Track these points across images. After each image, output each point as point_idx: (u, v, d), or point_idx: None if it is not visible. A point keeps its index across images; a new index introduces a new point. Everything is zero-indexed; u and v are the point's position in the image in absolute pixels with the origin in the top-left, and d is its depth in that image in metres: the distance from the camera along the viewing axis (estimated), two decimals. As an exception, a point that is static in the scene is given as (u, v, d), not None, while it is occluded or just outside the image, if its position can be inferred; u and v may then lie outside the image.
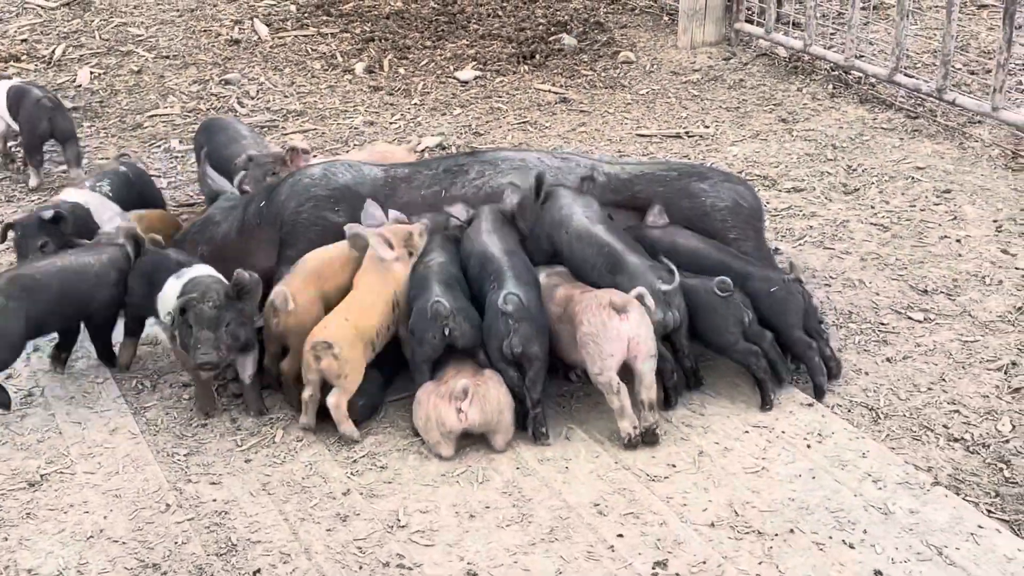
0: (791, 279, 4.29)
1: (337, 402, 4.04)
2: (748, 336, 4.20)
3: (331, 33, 8.21)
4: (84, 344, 4.66)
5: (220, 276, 4.21)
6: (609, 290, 4.06)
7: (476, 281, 4.28)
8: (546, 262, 4.44)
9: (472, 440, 4.03)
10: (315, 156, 5.75)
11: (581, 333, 3.99)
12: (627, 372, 4.00)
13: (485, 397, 3.96)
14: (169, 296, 4.17)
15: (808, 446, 4.02)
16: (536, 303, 4.09)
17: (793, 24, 7.75)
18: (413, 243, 4.42)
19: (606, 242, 4.27)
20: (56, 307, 4.31)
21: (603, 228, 4.33)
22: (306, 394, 4.08)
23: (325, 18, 8.45)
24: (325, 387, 4.08)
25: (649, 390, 3.99)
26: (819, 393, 4.25)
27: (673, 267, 4.14)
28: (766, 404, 4.20)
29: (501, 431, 4.00)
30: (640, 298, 3.99)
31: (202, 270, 4.24)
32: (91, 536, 3.65)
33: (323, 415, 4.11)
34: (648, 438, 4.00)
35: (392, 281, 4.30)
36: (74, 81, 7.43)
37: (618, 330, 3.95)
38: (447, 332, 4.04)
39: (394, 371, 4.31)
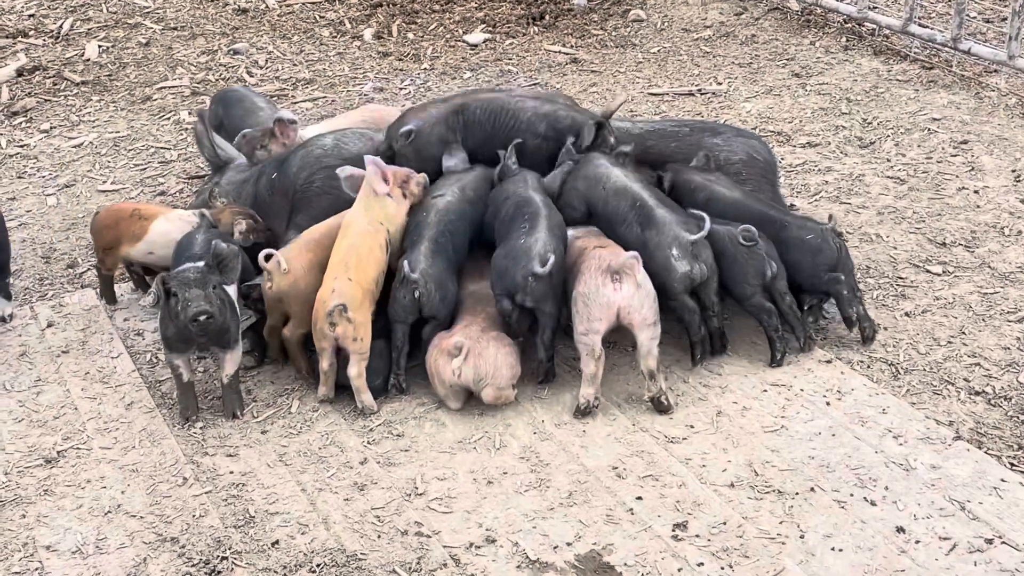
0: (828, 228, 4.25)
1: (358, 371, 4.03)
2: (770, 288, 4.16)
3: (339, -1, 8.15)
4: (98, 319, 4.65)
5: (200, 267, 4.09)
6: (615, 252, 4.02)
7: (506, 222, 4.25)
8: (574, 224, 4.42)
9: (488, 406, 4.01)
10: (304, 127, 5.70)
11: (576, 291, 3.98)
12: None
13: (481, 355, 3.94)
14: None
15: (827, 403, 3.99)
16: (561, 262, 4.07)
17: (805, -23, 7.66)
18: (410, 188, 4.41)
19: (640, 197, 4.23)
20: None
21: (640, 185, 4.31)
22: (324, 364, 4.06)
23: (332, -16, 8.38)
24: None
25: (647, 359, 3.94)
26: (848, 323, 4.24)
27: (705, 216, 4.09)
28: (775, 361, 4.17)
29: (492, 385, 3.96)
30: (631, 263, 3.94)
31: (193, 264, 4.07)
32: (109, 511, 3.65)
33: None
34: (657, 406, 3.97)
35: (384, 218, 4.29)
36: (82, 55, 7.39)
37: (609, 297, 3.91)
38: (416, 295, 4.06)
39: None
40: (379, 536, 3.51)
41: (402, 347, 4.13)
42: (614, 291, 3.92)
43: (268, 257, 4.16)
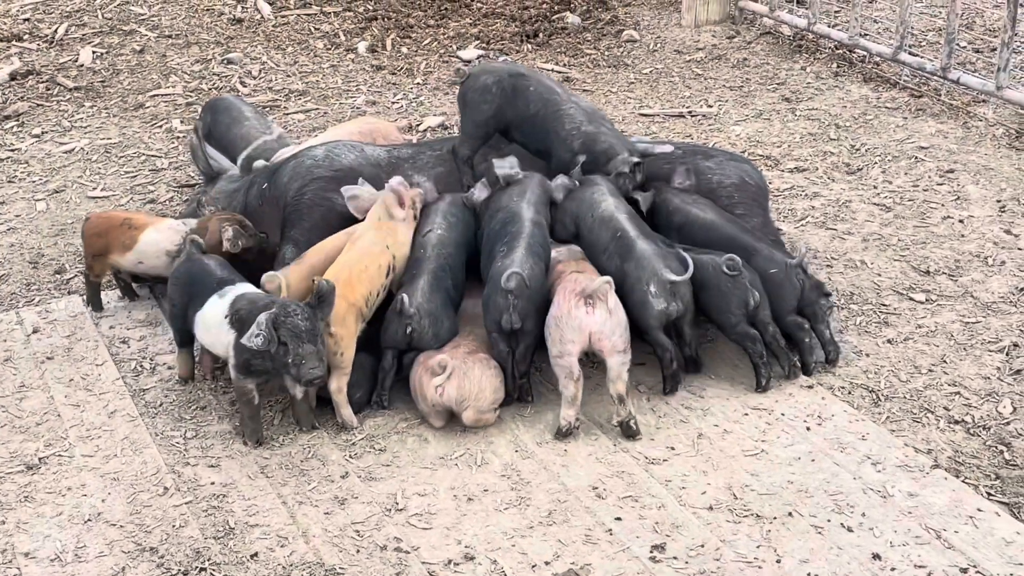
0: (793, 265, 4.26)
1: (339, 386, 4.03)
2: (754, 318, 4.18)
3: (334, 12, 8.17)
4: (84, 326, 4.66)
5: (263, 292, 4.09)
6: (590, 277, 4.03)
7: (491, 239, 4.27)
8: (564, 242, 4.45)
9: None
10: (299, 140, 5.69)
11: (550, 313, 3.99)
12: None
13: (466, 376, 3.95)
14: (212, 317, 4.01)
15: (808, 428, 4.01)
16: (539, 278, 4.09)
17: (797, 2, 7.71)
18: (418, 208, 4.46)
19: (622, 228, 4.23)
20: None
21: (625, 216, 4.30)
22: None
23: (328, -3, 8.42)
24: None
25: (616, 384, 3.94)
26: (806, 370, 4.25)
27: (688, 259, 4.11)
28: (760, 386, 4.19)
29: (474, 407, 3.97)
30: (604, 288, 3.95)
31: (246, 288, 4.08)
32: (89, 519, 3.65)
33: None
34: (625, 431, 3.98)
35: (393, 244, 4.29)
36: (76, 60, 7.40)
37: (581, 321, 3.92)
38: (408, 331, 4.06)
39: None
40: (358, 551, 3.52)
41: (389, 370, 4.14)
42: (586, 315, 3.93)
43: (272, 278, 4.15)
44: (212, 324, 4.02)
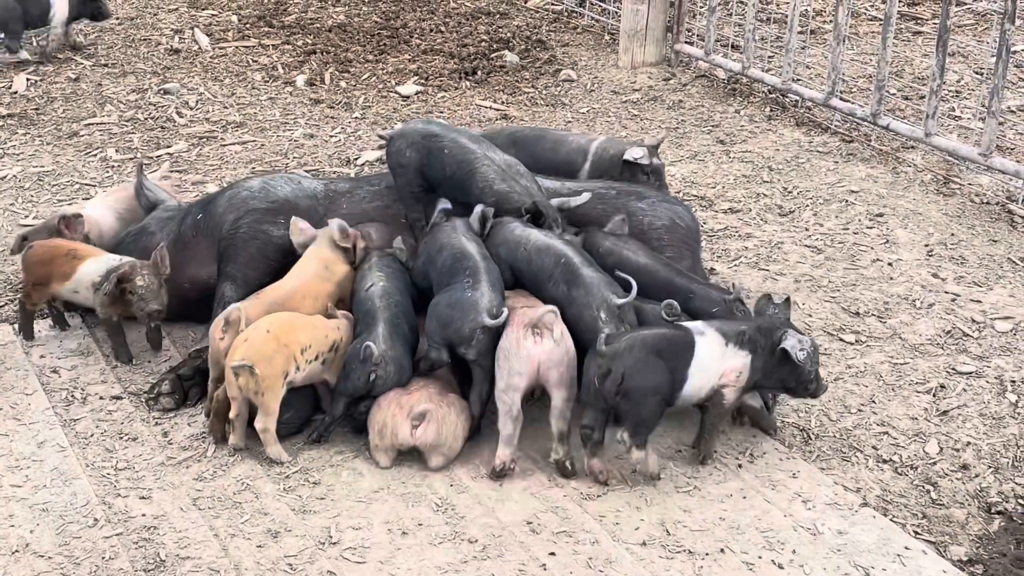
0: (732, 299, 4.30)
1: (264, 426, 3.98)
2: None
3: (272, 45, 8.17)
4: (14, 355, 4.60)
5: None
6: (538, 308, 4.03)
7: (445, 273, 4.23)
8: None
9: (407, 456, 4.02)
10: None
11: (499, 346, 4.00)
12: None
13: (444, 421, 3.95)
14: (709, 355, 3.94)
15: (740, 466, 4.06)
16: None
17: (732, 47, 7.84)
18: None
19: (564, 254, 4.23)
20: None
21: (561, 242, 4.31)
22: (232, 413, 4.02)
23: (267, 29, 8.40)
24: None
25: (558, 421, 3.95)
26: (765, 409, 4.28)
27: (632, 281, 4.12)
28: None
29: (444, 453, 3.98)
30: (550, 317, 3.96)
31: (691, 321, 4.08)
32: (16, 551, 3.60)
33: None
34: (560, 470, 3.99)
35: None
36: (10, 87, 7.33)
37: (528, 351, 3.93)
38: (371, 378, 4.02)
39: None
40: (291, 584, 3.51)
41: (338, 418, 4.12)
42: (534, 345, 3.95)
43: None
44: (713, 360, 3.94)
